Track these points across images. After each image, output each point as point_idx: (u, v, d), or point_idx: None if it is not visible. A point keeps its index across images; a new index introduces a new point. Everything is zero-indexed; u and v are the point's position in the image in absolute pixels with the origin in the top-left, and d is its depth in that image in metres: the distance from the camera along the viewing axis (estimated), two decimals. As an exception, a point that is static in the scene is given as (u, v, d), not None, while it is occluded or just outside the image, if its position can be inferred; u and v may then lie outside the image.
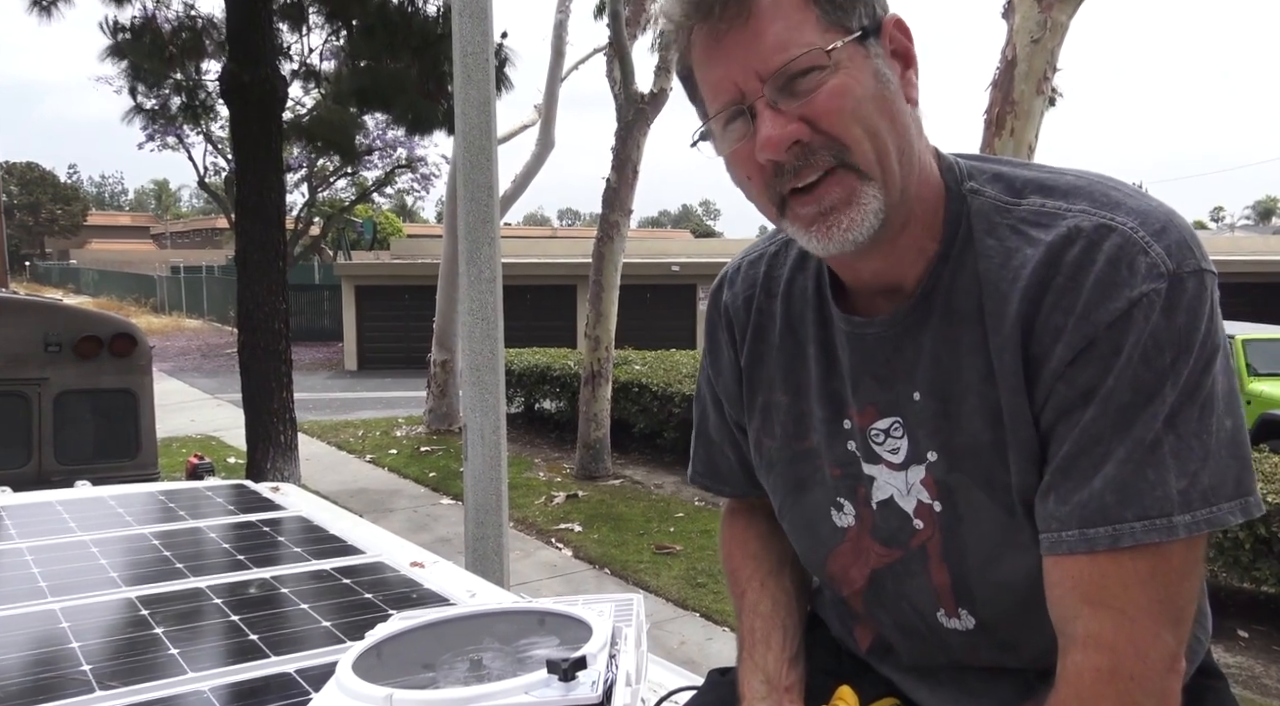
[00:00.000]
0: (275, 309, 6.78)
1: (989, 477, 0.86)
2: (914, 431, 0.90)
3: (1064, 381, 0.80)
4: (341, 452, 9.80)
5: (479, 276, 4.17)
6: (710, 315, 1.10)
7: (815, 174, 0.82)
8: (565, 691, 1.04)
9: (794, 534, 1.04)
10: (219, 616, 1.73)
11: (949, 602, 0.91)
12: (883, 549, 0.94)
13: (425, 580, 1.96)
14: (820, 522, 0.98)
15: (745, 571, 1.12)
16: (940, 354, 0.87)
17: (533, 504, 7.50)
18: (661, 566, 5.93)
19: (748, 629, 1.08)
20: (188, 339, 21.86)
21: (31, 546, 2.16)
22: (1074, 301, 0.79)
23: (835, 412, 0.95)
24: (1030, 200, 0.85)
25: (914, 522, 0.91)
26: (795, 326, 0.99)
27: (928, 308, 0.87)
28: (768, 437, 1.02)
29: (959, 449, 0.87)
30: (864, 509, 0.94)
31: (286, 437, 6.87)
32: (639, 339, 12.11)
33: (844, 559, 0.97)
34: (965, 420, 0.86)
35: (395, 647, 1.27)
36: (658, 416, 8.74)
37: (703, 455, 1.16)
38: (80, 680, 1.43)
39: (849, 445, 0.95)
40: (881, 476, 0.92)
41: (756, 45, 0.80)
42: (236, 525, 2.39)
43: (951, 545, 0.89)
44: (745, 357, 1.04)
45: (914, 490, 0.90)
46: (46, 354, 4.17)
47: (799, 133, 0.81)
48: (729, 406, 1.09)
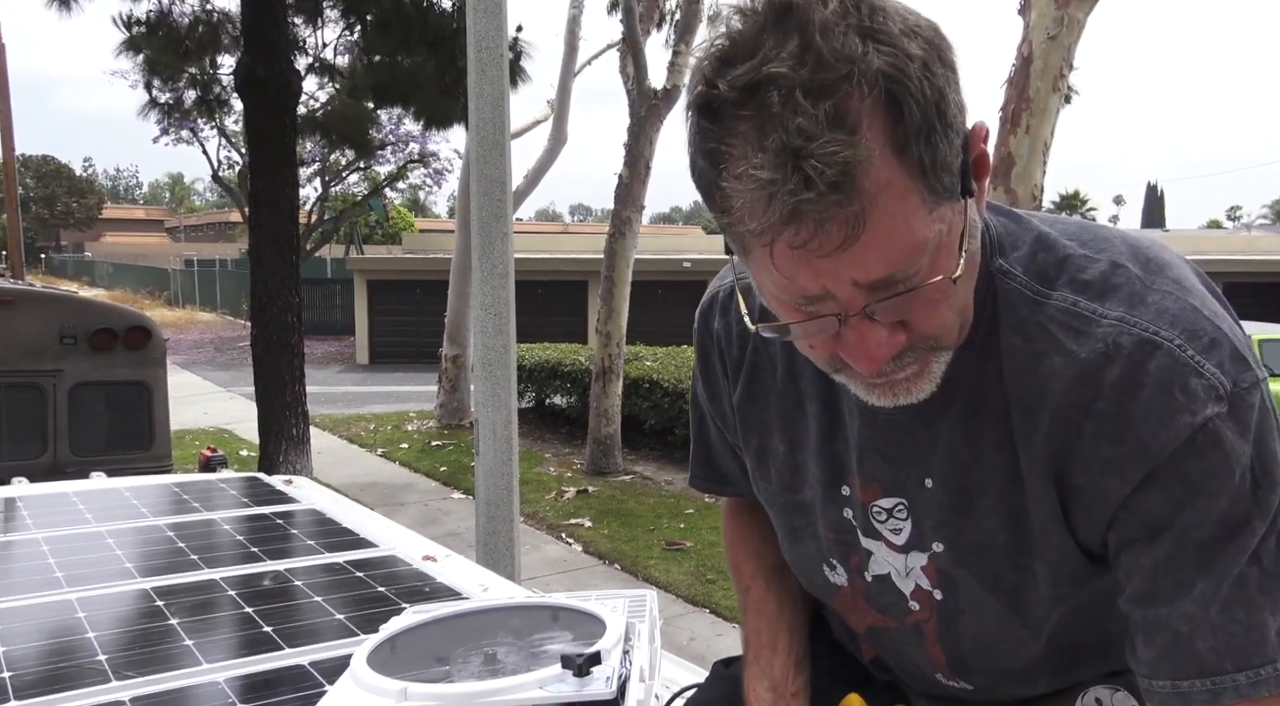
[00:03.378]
0: (288, 302, 6.80)
1: (996, 577, 0.82)
2: (920, 518, 0.85)
3: (1127, 510, 0.74)
4: (353, 446, 9.84)
5: (491, 271, 4.18)
6: (701, 336, 1.01)
7: (907, 364, 0.75)
8: (580, 686, 1.04)
9: (791, 567, 1.03)
10: (233, 608, 1.73)
11: (945, 671, 0.91)
12: (878, 616, 0.92)
13: (438, 574, 1.96)
14: (815, 573, 0.97)
15: (749, 568, 1.11)
16: (959, 446, 0.81)
17: (543, 499, 7.51)
18: (672, 562, 5.93)
19: (753, 631, 1.07)
20: (201, 332, 21.97)
21: (48, 537, 2.18)
22: (1123, 431, 0.72)
23: (834, 476, 0.90)
24: (1060, 293, 0.76)
25: (910, 603, 0.89)
26: (796, 377, 0.91)
27: (948, 397, 0.80)
28: (763, 480, 0.98)
29: (968, 545, 0.83)
30: (856, 577, 0.92)
31: (299, 431, 6.89)
32: (650, 335, 12.10)
33: (843, 607, 0.97)
34: (980, 517, 0.81)
35: (409, 641, 1.27)
36: (668, 412, 8.74)
37: (702, 457, 1.11)
38: (97, 669, 1.44)
39: (845, 512, 0.90)
40: (880, 553, 0.89)
41: (862, 255, 0.65)
42: (250, 517, 2.41)
43: (948, 631, 0.87)
44: (739, 397, 0.96)
45: (913, 574, 0.87)
46: (62, 346, 4.20)
47: (898, 344, 0.72)
48: (724, 430, 1.04)
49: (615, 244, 8.42)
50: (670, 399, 8.69)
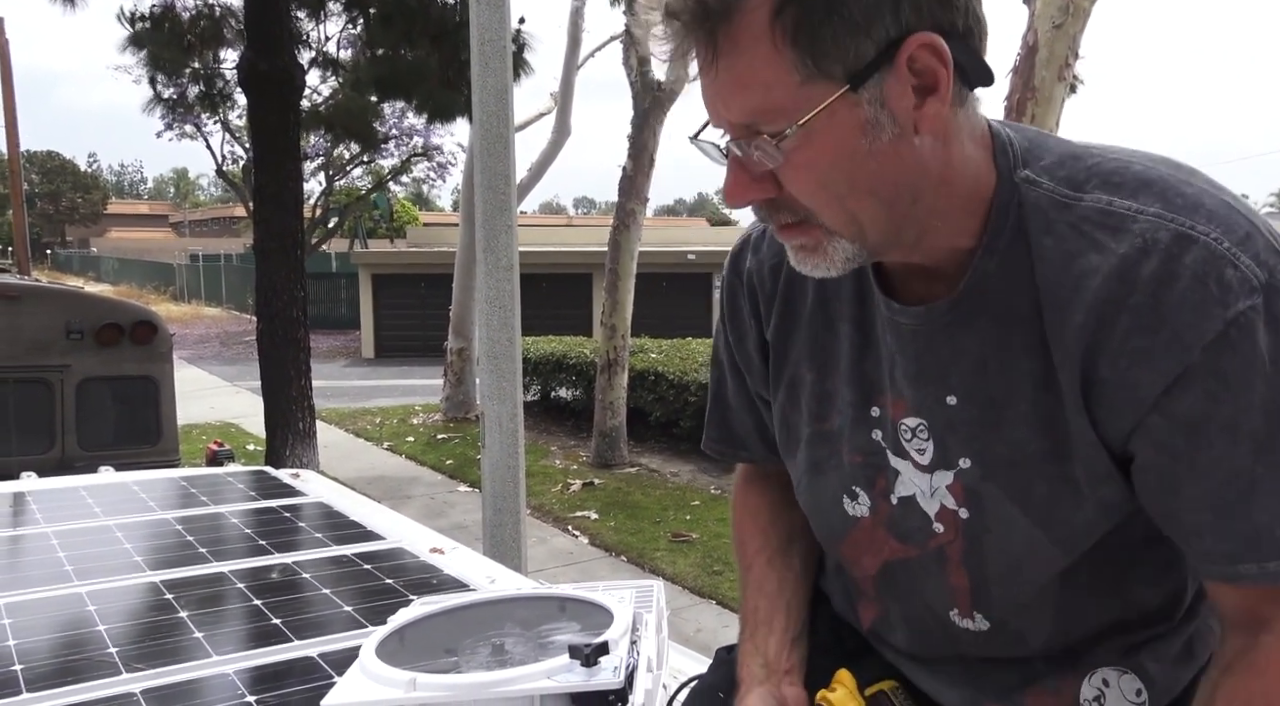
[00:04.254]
0: (293, 297, 6.81)
1: (1026, 490, 0.81)
2: (942, 436, 0.85)
3: (1159, 412, 0.74)
4: (359, 440, 9.86)
5: (496, 264, 4.18)
6: (729, 280, 1.03)
7: (782, 222, 0.79)
8: (588, 676, 1.05)
9: (808, 514, 1.02)
10: (242, 600, 1.74)
11: (964, 605, 0.90)
12: (898, 544, 0.91)
13: (445, 566, 1.97)
14: (831, 509, 0.95)
15: (754, 545, 1.10)
16: (986, 356, 0.81)
17: (549, 491, 7.52)
18: (678, 554, 5.95)
19: (751, 608, 1.07)
20: (207, 327, 22.02)
21: (57, 530, 2.19)
22: (1157, 323, 0.72)
23: (865, 397, 0.90)
24: (1093, 196, 0.77)
25: (934, 525, 0.87)
26: (828, 303, 0.92)
27: (971, 306, 0.80)
28: (794, 413, 0.97)
29: (996, 458, 0.82)
30: (881, 501, 0.91)
31: (305, 425, 6.91)
32: (655, 327, 12.10)
33: (856, 546, 0.95)
34: (1009, 428, 0.81)
35: (417, 632, 1.28)
36: (674, 405, 8.74)
37: (718, 419, 1.11)
38: (107, 662, 1.45)
39: (874, 434, 0.90)
40: (907, 473, 0.88)
41: (724, 92, 0.73)
42: (258, 511, 2.41)
43: (974, 552, 0.86)
44: (771, 330, 0.97)
45: (938, 494, 0.86)
46: (69, 341, 4.22)
47: (764, 192, 0.77)
48: (749, 377, 1.04)
49: (619, 236, 8.41)
50: (675, 391, 8.69)
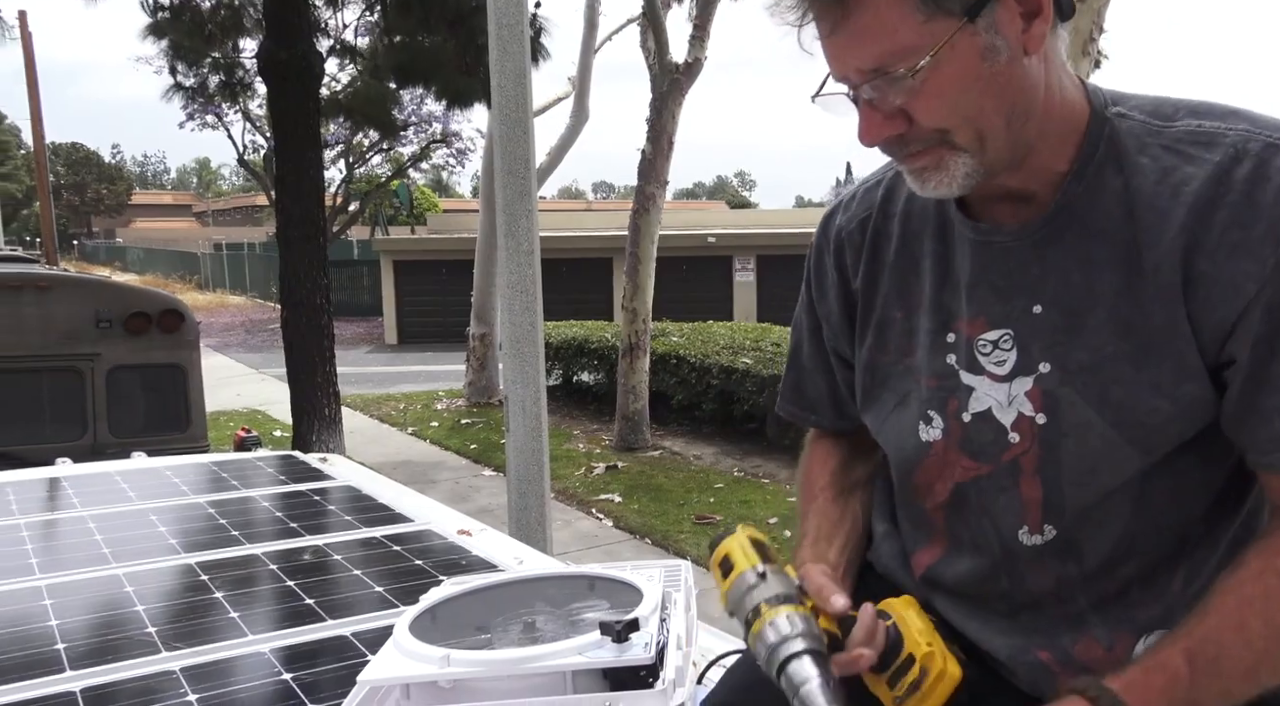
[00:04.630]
0: (316, 284, 6.87)
1: (1103, 393, 0.86)
2: (1027, 344, 0.90)
3: (1257, 301, 0.80)
4: (384, 426, 9.94)
5: (517, 249, 4.19)
6: (818, 242, 1.12)
7: (911, 151, 0.87)
8: (619, 652, 1.06)
9: (888, 449, 1.05)
10: (275, 581, 1.77)
11: (1035, 518, 0.92)
12: (970, 462, 0.94)
13: (473, 547, 1.99)
14: (907, 437, 0.99)
15: (821, 483, 1.14)
16: (1070, 269, 0.88)
17: (572, 475, 7.56)
18: (702, 536, 5.96)
19: (812, 527, 1.09)
20: (232, 315, 22.22)
21: (94, 514, 2.23)
22: (1253, 217, 0.80)
23: (941, 324, 0.96)
24: (1184, 121, 0.86)
25: (1009, 436, 0.91)
26: (911, 243, 1.00)
27: (1060, 224, 0.89)
28: (882, 354, 1.03)
29: (1076, 363, 0.87)
30: (953, 422, 0.95)
31: (330, 411, 6.98)
32: (676, 311, 12.09)
33: (929, 472, 0.98)
34: (1089, 333, 0.87)
35: (449, 611, 1.30)
36: (695, 388, 8.75)
37: (793, 382, 1.19)
38: (146, 641, 1.48)
39: (949, 358, 0.96)
40: (982, 388, 0.93)
41: (854, 45, 0.81)
42: (287, 494, 2.45)
43: (1050, 459, 0.89)
44: (860, 278, 1.04)
45: (1016, 402, 0.90)
46: (98, 330, 4.27)
47: (896, 128, 0.85)
48: (830, 333, 1.10)
49: (639, 220, 8.40)
50: (697, 374, 8.69)
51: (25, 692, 1.30)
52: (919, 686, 0.92)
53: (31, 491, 2.49)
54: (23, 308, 4.12)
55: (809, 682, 0.80)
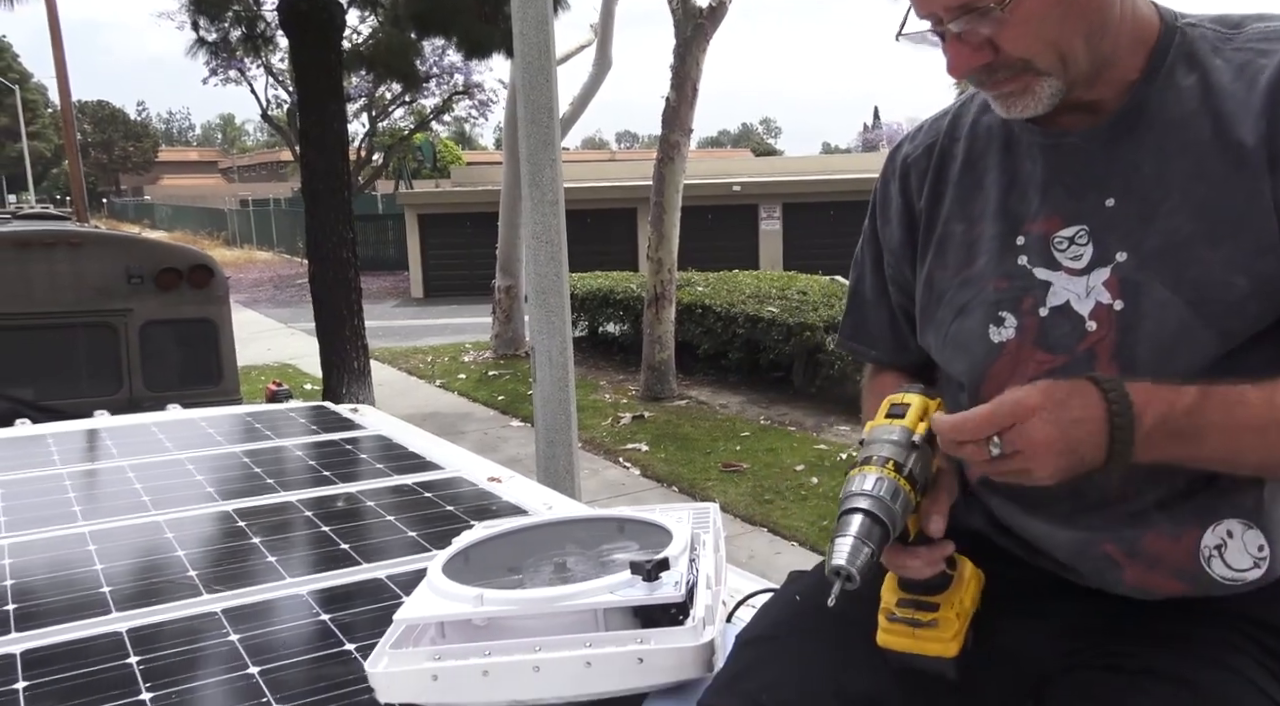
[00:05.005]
0: (343, 238, 6.88)
1: (1179, 274, 0.89)
2: (1102, 236, 0.94)
3: None
4: (412, 378, 10.04)
5: (541, 199, 4.17)
6: (884, 173, 1.16)
7: (998, 78, 0.92)
8: (649, 591, 1.07)
9: (952, 361, 1.05)
10: (310, 527, 1.81)
11: None
12: (1045, 356, 0.96)
13: (503, 493, 2.01)
14: (976, 343, 1.00)
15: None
16: (1140, 161, 0.93)
17: (599, 425, 7.61)
18: (728, 484, 6.00)
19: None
20: (260, 271, 22.39)
21: (133, 464, 2.28)
22: None
23: (1010, 228, 1.00)
24: (1252, 25, 0.93)
25: (1087, 325, 0.93)
26: (976, 161, 1.06)
27: (1130, 122, 0.94)
28: (940, 269, 1.06)
29: (1153, 248, 0.91)
30: (1029, 318, 0.97)
31: (359, 364, 7.05)
32: (701, 260, 12.03)
33: (998, 377, 0.98)
34: (1163, 219, 0.91)
35: (481, 553, 1.32)
36: (721, 337, 8.73)
37: (854, 317, 1.22)
38: (188, 584, 1.52)
39: (1020, 259, 0.99)
40: (1059, 283, 0.96)
41: None
42: (319, 444, 2.48)
43: (1125, 344, 0.91)
44: (925, 199, 1.09)
45: (1094, 292, 0.93)
46: (129, 286, 4.31)
47: (983, 59, 0.90)
48: (892, 259, 1.14)
49: (664, 169, 8.32)
50: (723, 323, 8.67)
51: (74, 632, 1.34)
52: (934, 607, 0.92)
53: (72, 442, 2.54)
54: (56, 264, 4.17)
55: (845, 535, 0.81)
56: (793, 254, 16.86)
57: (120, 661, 1.25)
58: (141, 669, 1.23)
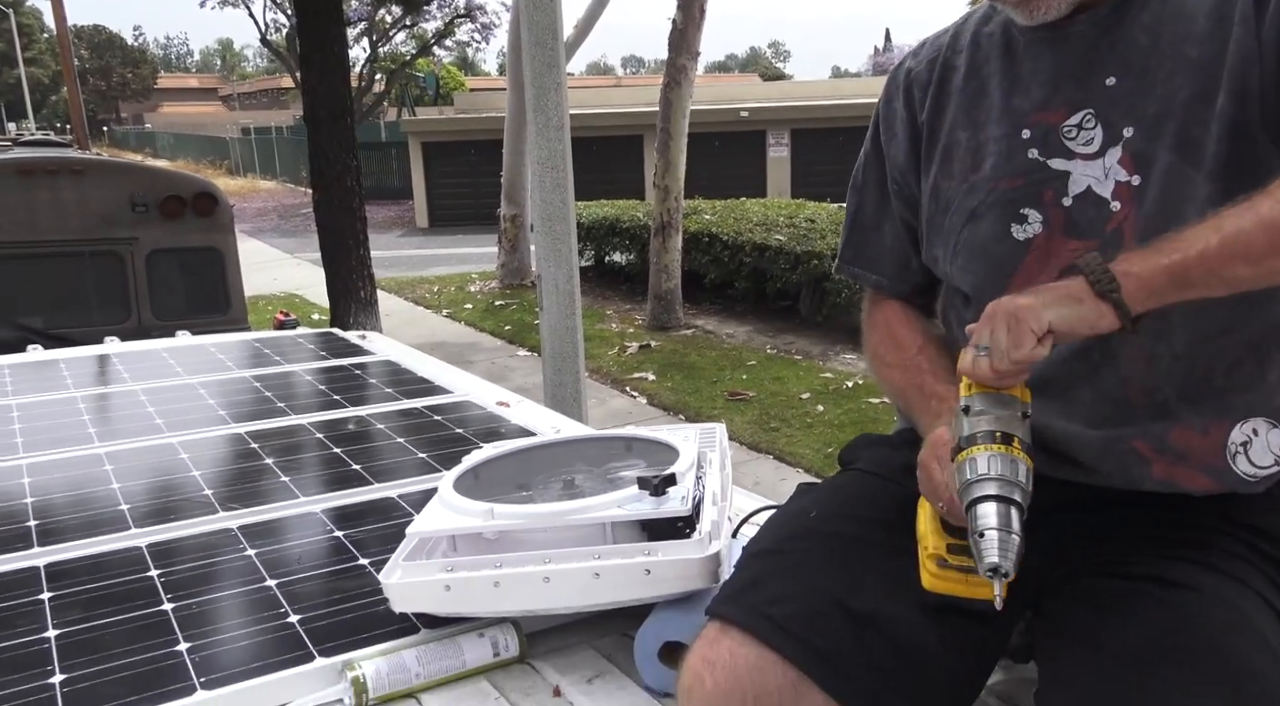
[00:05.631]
0: (346, 166, 6.81)
1: (1180, 135, 0.91)
2: (1107, 116, 0.95)
3: None
4: (419, 308, 10.04)
5: (546, 124, 4.11)
6: (887, 89, 1.16)
7: None
8: (656, 505, 1.09)
9: (969, 268, 1.05)
10: (321, 449, 1.83)
11: None
12: (1077, 243, 0.96)
13: (511, 417, 2.04)
14: (997, 244, 1.01)
15: (912, 342, 1.13)
16: (1136, 36, 0.95)
17: (606, 354, 7.63)
18: (734, 412, 6.04)
19: (946, 391, 1.04)
20: (264, 200, 22.23)
21: (145, 388, 2.30)
22: None
23: (1015, 127, 1.01)
24: None
25: (1111, 205, 0.95)
26: (978, 69, 1.06)
27: (1123, 12, 0.96)
28: (946, 179, 1.07)
29: (1154, 114, 0.93)
30: (1054, 210, 0.98)
31: (366, 293, 7.04)
32: (709, 188, 11.89)
33: (1028, 273, 0.99)
34: (1161, 84, 0.93)
35: (491, 471, 1.34)
36: (728, 266, 8.69)
37: (855, 241, 1.21)
38: (205, 502, 1.55)
39: (1030, 153, 0.99)
40: (1077, 170, 0.97)
41: None
42: (329, 369, 2.50)
43: (1143, 217, 0.93)
44: (927, 111, 1.10)
45: (1111, 172, 0.95)
46: (134, 214, 4.29)
47: None
48: (897, 173, 1.13)
49: (670, 93, 8.17)
50: (730, 252, 8.62)
51: (95, 548, 1.38)
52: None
53: (84, 367, 2.56)
54: (60, 192, 4.15)
55: (989, 529, 0.80)
56: (801, 181, 16.66)
57: (141, 574, 1.29)
58: (162, 581, 1.26)
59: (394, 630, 1.13)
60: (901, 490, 1.04)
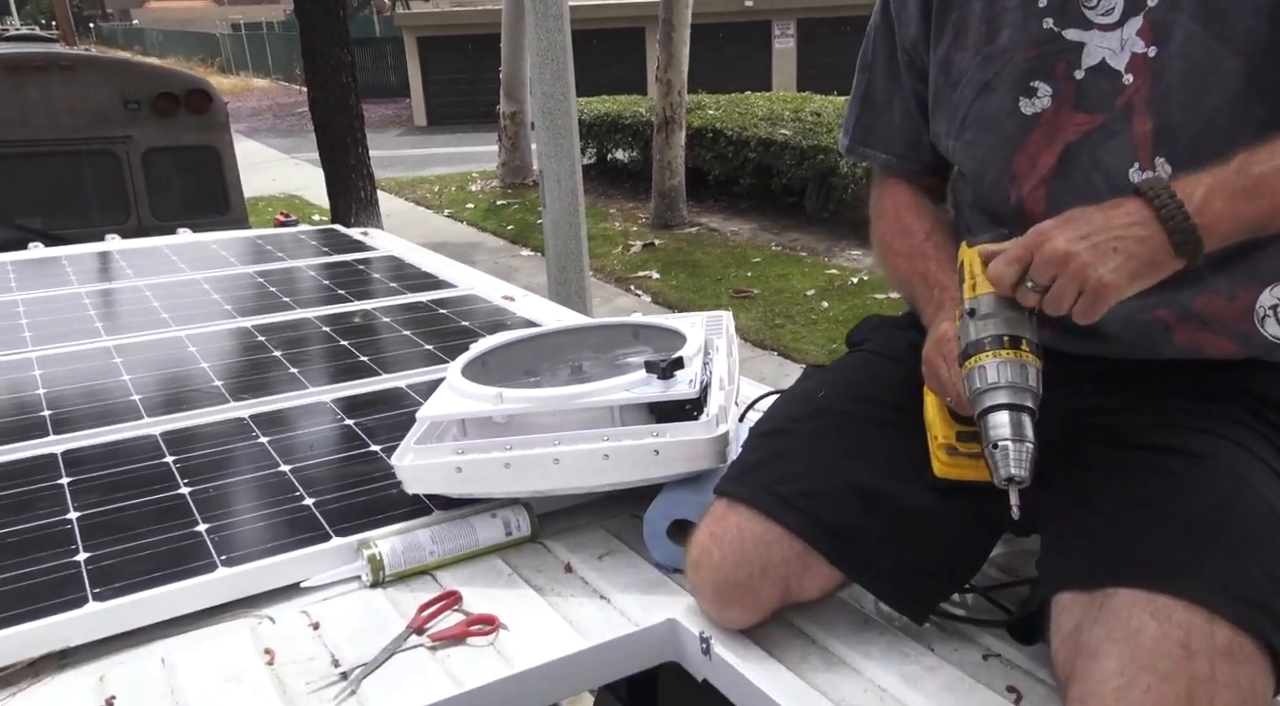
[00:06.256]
0: (341, 61, 6.63)
1: (1207, 6, 0.88)
2: None
3: None
4: (420, 208, 9.94)
5: (546, 13, 3.98)
6: None
7: None
8: (664, 388, 1.10)
9: (970, 146, 1.03)
10: (328, 341, 1.84)
11: (1145, 153, 0.93)
12: (1084, 117, 0.95)
13: (517, 310, 2.04)
14: (1006, 119, 0.99)
15: (921, 226, 1.11)
16: None
17: (609, 253, 7.59)
18: (739, 309, 6.04)
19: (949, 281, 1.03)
20: (258, 99, 21.76)
21: (149, 284, 2.30)
22: None
23: None
24: None
25: (1124, 79, 0.93)
26: None
27: None
28: (959, 50, 1.04)
29: None
30: (1064, 83, 0.96)
31: (366, 193, 6.96)
32: (713, 83, 11.59)
33: (1033, 147, 0.98)
34: None
35: (499, 358, 1.35)
36: (733, 162, 8.55)
37: (864, 120, 1.18)
38: (215, 393, 1.56)
39: (1045, 23, 0.97)
40: (1093, 41, 0.94)
41: None
42: (332, 264, 2.49)
43: (1158, 90, 0.91)
44: None
45: (1128, 44, 0.93)
46: (127, 112, 4.21)
47: None
48: (908, 44, 1.10)
49: (673, -18, 7.89)
50: (734, 148, 8.47)
51: (110, 435, 1.40)
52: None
53: (87, 264, 2.56)
54: (50, 88, 4.05)
55: (1003, 441, 0.80)
56: (807, 74, 16.23)
57: (156, 461, 1.31)
58: (178, 467, 1.28)
59: (407, 512, 1.15)
60: (909, 370, 1.04)
